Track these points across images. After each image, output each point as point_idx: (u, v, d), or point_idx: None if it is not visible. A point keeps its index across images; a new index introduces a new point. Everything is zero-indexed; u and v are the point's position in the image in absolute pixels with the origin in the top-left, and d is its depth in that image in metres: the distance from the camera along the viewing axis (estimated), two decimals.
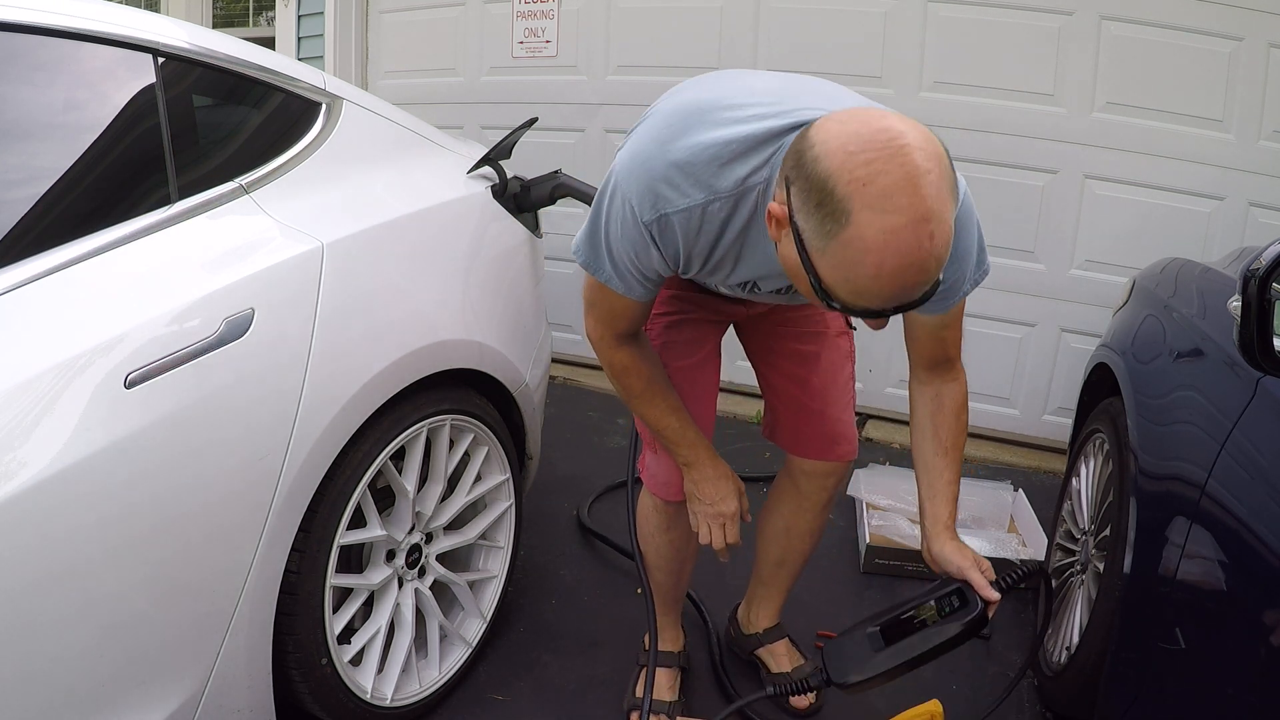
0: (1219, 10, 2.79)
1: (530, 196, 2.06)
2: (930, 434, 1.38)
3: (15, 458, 1.04)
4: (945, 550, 1.31)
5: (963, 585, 1.27)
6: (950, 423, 1.37)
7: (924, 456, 1.38)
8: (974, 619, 1.20)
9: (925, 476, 1.38)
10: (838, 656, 1.30)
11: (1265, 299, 1.08)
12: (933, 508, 1.35)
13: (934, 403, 1.38)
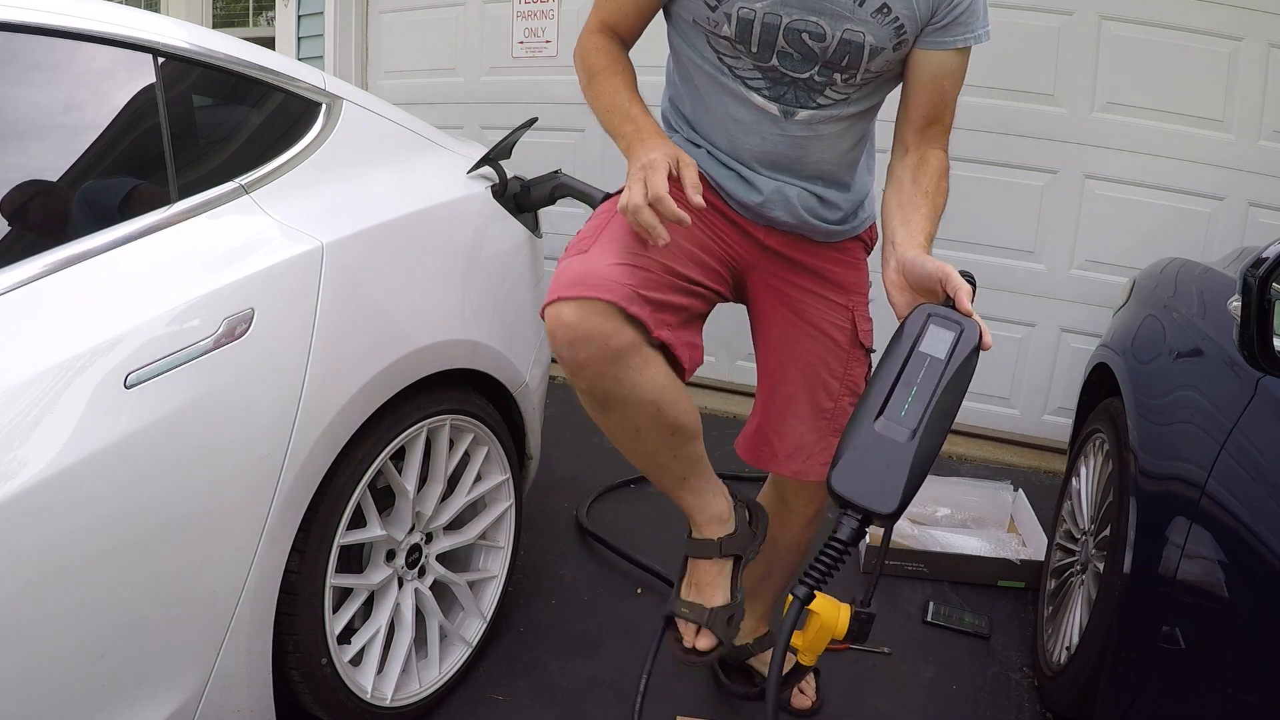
0: (1219, 10, 2.79)
1: (530, 196, 2.06)
2: (910, 184, 1.31)
3: (15, 458, 1.04)
4: (923, 255, 1.16)
5: (936, 309, 1.07)
6: (933, 177, 1.31)
7: (900, 199, 1.30)
8: (974, 336, 1.01)
9: (899, 211, 1.29)
10: (858, 481, 0.93)
11: (1265, 299, 1.08)
12: (905, 226, 1.25)
13: (917, 166, 1.33)
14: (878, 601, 2.29)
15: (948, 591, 2.36)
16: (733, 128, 1.38)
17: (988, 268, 3.21)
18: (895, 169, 1.36)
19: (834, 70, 1.27)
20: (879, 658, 2.09)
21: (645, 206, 1.12)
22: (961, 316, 1.01)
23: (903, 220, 1.26)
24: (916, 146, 1.34)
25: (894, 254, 1.21)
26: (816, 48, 1.24)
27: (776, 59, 1.27)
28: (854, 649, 2.10)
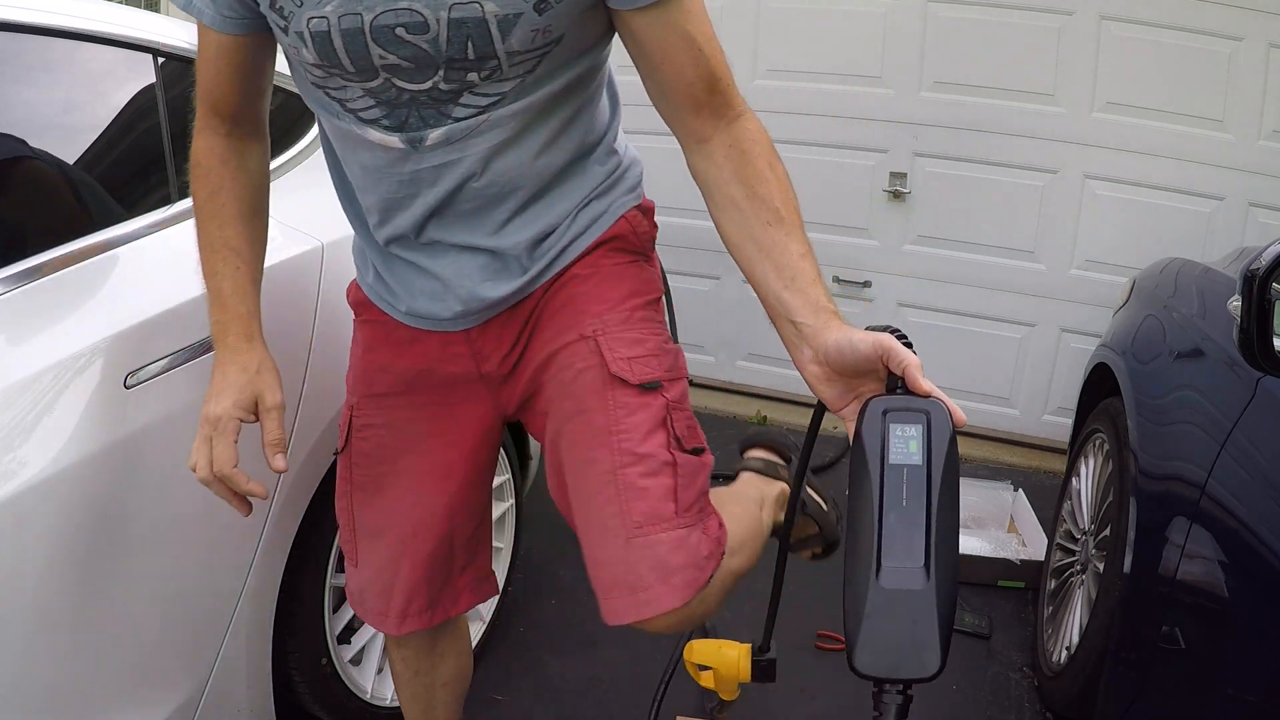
0: (1219, 10, 2.79)
1: None
2: (745, 199, 0.93)
3: (15, 458, 1.04)
4: (847, 335, 0.83)
5: (888, 401, 0.80)
6: (766, 175, 0.93)
7: (749, 232, 0.93)
8: (945, 420, 0.80)
9: (762, 260, 0.91)
10: (886, 652, 0.74)
11: (1265, 299, 1.08)
12: (796, 293, 0.89)
13: (731, 157, 0.95)
14: None
15: None
16: (368, 182, 1.04)
17: (988, 268, 3.21)
18: (706, 175, 0.98)
19: (464, 69, 0.91)
20: None
21: (213, 480, 0.99)
22: (920, 399, 0.79)
23: (780, 274, 0.90)
24: (714, 130, 0.96)
25: (803, 340, 0.87)
26: (424, 44, 0.89)
27: (384, 74, 0.92)
28: None
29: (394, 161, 1.00)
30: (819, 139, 3.29)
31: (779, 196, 0.92)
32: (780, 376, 3.58)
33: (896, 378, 0.80)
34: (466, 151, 0.97)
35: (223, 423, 0.99)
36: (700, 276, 3.57)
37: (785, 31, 3.28)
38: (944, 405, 0.79)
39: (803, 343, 0.87)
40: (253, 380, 1.03)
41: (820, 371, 0.86)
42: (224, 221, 1.06)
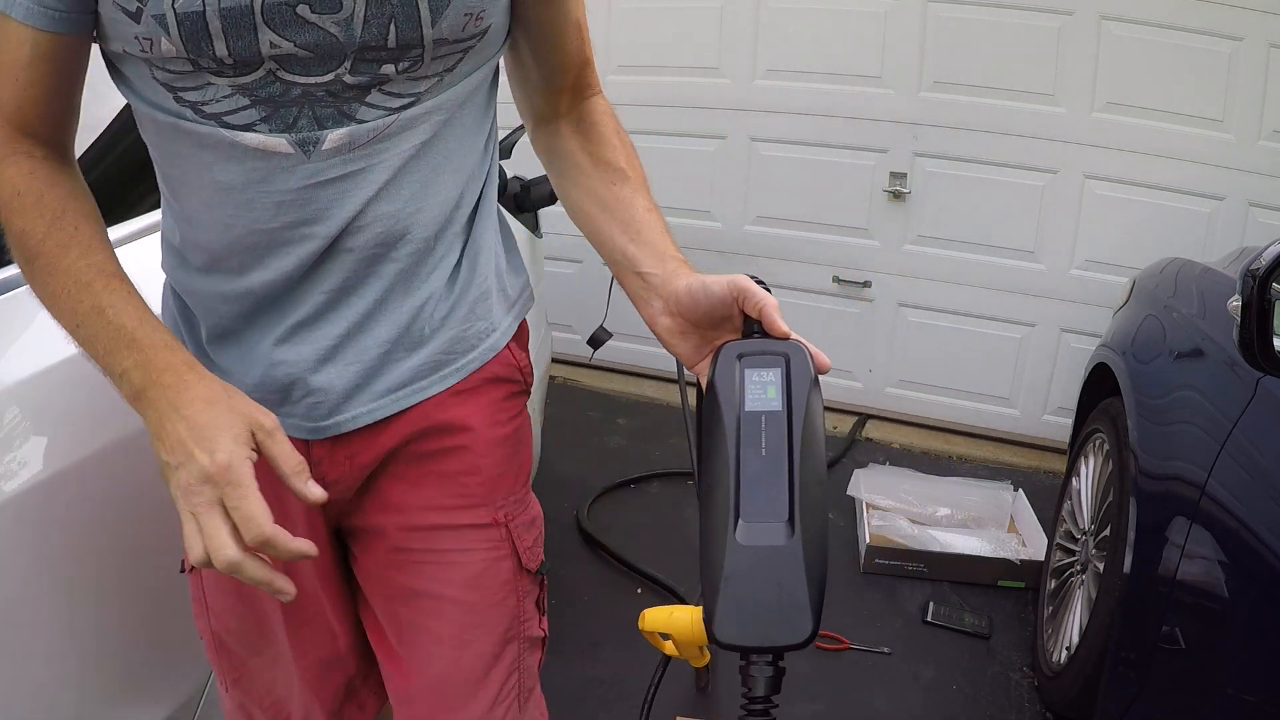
0: (1219, 10, 2.79)
1: (530, 196, 2.06)
2: (590, 164, 0.91)
3: (15, 458, 1.04)
4: (699, 279, 0.79)
5: (743, 345, 0.74)
6: (613, 141, 0.93)
7: (594, 194, 0.90)
8: (805, 362, 0.73)
9: (606, 218, 0.88)
10: (750, 617, 0.65)
11: (1265, 299, 1.08)
12: (642, 245, 0.85)
13: (580, 129, 0.93)
14: (878, 601, 2.30)
15: (948, 591, 2.36)
16: (225, 212, 0.80)
17: (988, 268, 3.21)
18: (552, 146, 0.95)
19: (379, 60, 0.75)
20: (879, 658, 2.09)
21: (247, 560, 0.67)
22: (779, 342, 0.72)
23: (625, 229, 0.86)
24: (570, 107, 0.94)
25: (652, 292, 0.82)
26: (332, 26, 0.71)
27: (270, 66, 0.73)
28: (854, 649, 2.10)
29: (273, 174, 0.77)
30: (819, 139, 3.29)
31: (624, 159, 0.92)
32: None
33: (753, 322, 0.74)
34: (373, 160, 0.79)
35: (234, 470, 0.68)
36: None
37: (785, 31, 3.28)
38: (804, 348, 0.73)
39: (651, 294, 0.83)
40: (233, 406, 0.72)
41: (672, 324, 0.81)
42: (85, 248, 0.77)
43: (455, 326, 0.90)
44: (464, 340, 0.91)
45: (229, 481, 0.68)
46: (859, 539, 2.55)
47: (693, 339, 0.81)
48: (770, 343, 0.73)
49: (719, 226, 3.49)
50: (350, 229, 0.80)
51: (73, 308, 0.76)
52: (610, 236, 0.88)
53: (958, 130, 3.12)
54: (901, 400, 3.43)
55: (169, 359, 0.75)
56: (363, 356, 0.86)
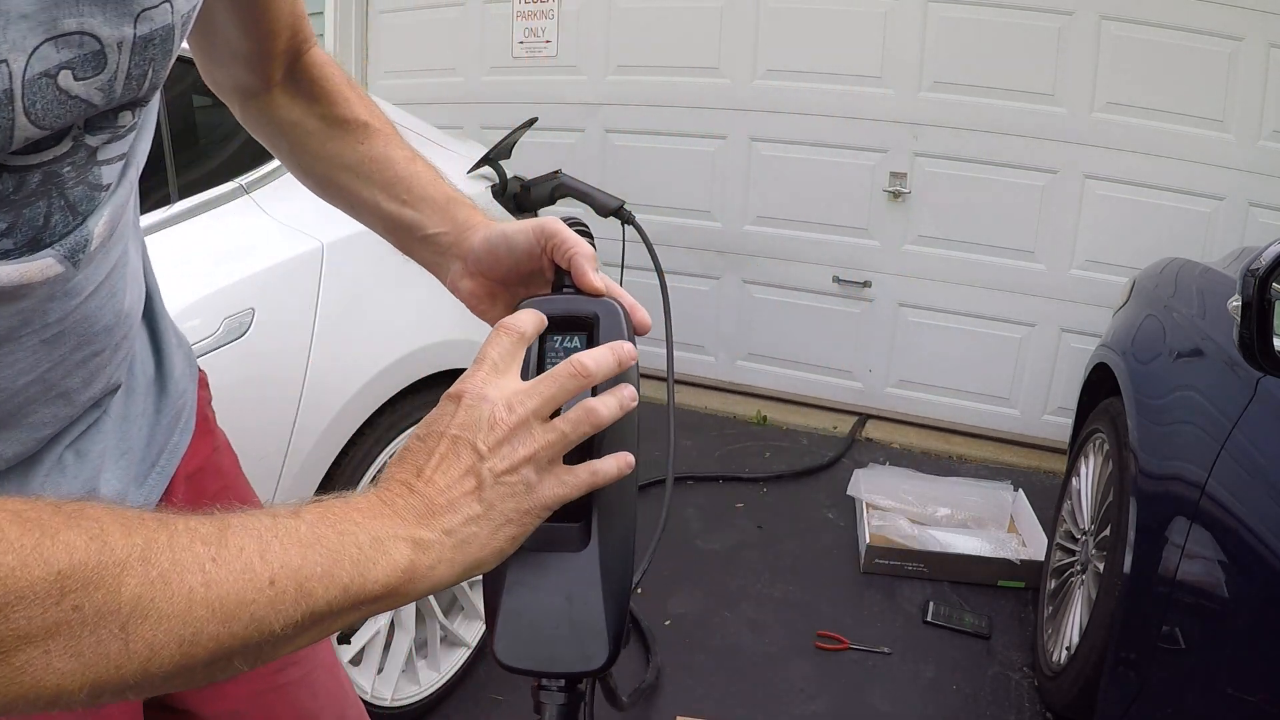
0: (1219, 10, 2.79)
1: (530, 196, 2.06)
2: (326, 127, 0.76)
3: None
4: (499, 229, 0.66)
5: (547, 301, 0.58)
6: (347, 94, 0.77)
7: (341, 160, 0.76)
8: (618, 323, 0.57)
9: (365, 185, 0.74)
10: (537, 638, 0.54)
11: (1265, 299, 1.08)
12: (417, 201, 0.72)
13: (303, 88, 0.77)
14: (878, 601, 2.30)
15: (948, 591, 2.36)
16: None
17: (988, 268, 3.21)
18: (275, 118, 0.78)
19: (123, 108, 0.54)
20: (879, 658, 2.09)
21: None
22: (589, 299, 0.58)
23: (391, 190, 0.73)
24: (285, 69, 0.77)
25: (448, 254, 0.69)
26: (95, 93, 0.49)
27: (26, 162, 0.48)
28: (854, 649, 2.10)
29: (33, 312, 0.54)
30: (819, 139, 3.30)
31: (364, 110, 0.77)
32: (780, 376, 3.58)
33: (565, 274, 0.60)
34: (125, 239, 0.63)
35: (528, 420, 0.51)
36: (700, 276, 3.57)
37: (785, 31, 3.29)
38: (618, 307, 0.57)
39: (446, 257, 0.69)
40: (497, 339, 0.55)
41: (475, 286, 0.67)
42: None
43: None
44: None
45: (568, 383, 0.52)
46: (859, 539, 2.55)
47: (502, 300, 0.67)
48: (578, 300, 0.58)
49: (719, 226, 3.49)
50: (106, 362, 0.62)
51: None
52: (376, 204, 0.73)
53: (958, 130, 3.12)
54: (901, 400, 3.44)
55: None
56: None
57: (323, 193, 0.79)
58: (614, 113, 3.56)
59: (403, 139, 0.76)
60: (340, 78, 0.78)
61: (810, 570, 2.44)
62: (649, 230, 2.22)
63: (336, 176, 0.76)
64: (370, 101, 0.78)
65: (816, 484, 2.93)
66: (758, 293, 3.53)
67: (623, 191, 2.40)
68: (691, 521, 2.66)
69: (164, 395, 0.74)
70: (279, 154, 0.81)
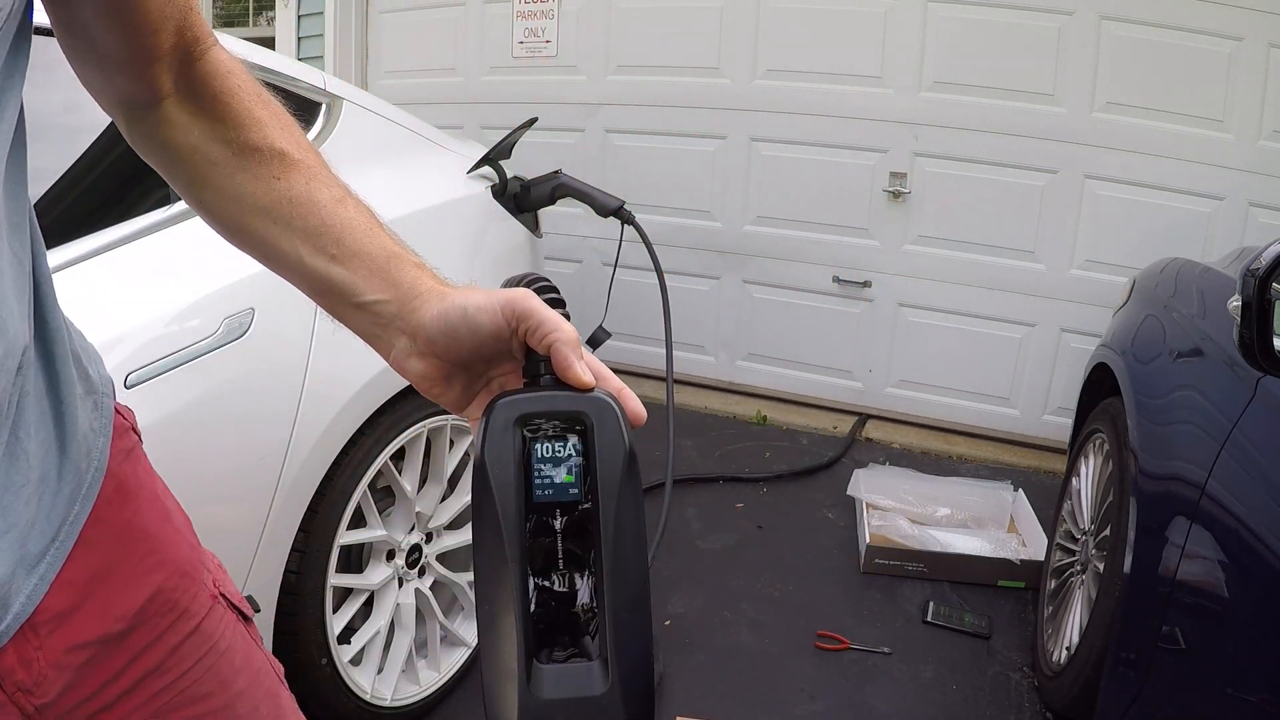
0: (1219, 10, 2.79)
1: (530, 196, 2.06)
2: (234, 157, 0.61)
3: None
4: (456, 301, 0.54)
5: (522, 400, 0.50)
6: (258, 115, 0.63)
7: (255, 201, 0.60)
8: (613, 423, 0.49)
9: (285, 232, 0.59)
10: None
11: (1265, 299, 1.08)
12: (351, 260, 0.58)
13: (204, 106, 0.62)
14: (878, 601, 2.30)
15: (948, 591, 2.36)
16: None
17: (988, 268, 3.21)
18: (168, 142, 0.63)
19: None
20: (879, 658, 2.09)
21: None
22: (576, 395, 0.50)
23: (316, 240, 0.59)
24: (176, 77, 0.62)
25: (391, 328, 0.57)
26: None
27: None
28: (854, 649, 2.10)
29: None
30: (819, 139, 3.30)
31: (281, 134, 0.62)
32: (780, 376, 3.58)
33: (538, 358, 0.51)
34: None
35: None
36: (700, 276, 3.57)
37: (785, 31, 3.28)
38: (611, 404, 0.50)
39: (388, 331, 0.57)
40: None
41: (428, 368, 0.55)
42: None
43: None
44: None
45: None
46: (859, 539, 2.55)
47: (459, 382, 0.56)
48: (563, 398, 0.50)
49: (719, 226, 3.49)
50: None
51: None
52: (298, 259, 0.59)
53: (958, 130, 3.12)
54: (901, 400, 3.44)
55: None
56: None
57: (234, 239, 0.63)
58: (614, 113, 3.56)
59: (331, 173, 0.62)
60: (249, 91, 0.63)
61: (810, 570, 2.44)
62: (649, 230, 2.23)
63: (249, 221, 0.60)
64: (289, 122, 0.63)
65: (816, 484, 2.93)
66: (758, 293, 3.53)
67: (623, 191, 2.40)
68: (692, 521, 2.66)
69: (64, 456, 0.59)
70: (178, 187, 0.64)
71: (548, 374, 0.51)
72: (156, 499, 0.71)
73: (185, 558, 0.70)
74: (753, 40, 3.33)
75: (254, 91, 0.64)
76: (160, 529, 0.69)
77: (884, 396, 3.46)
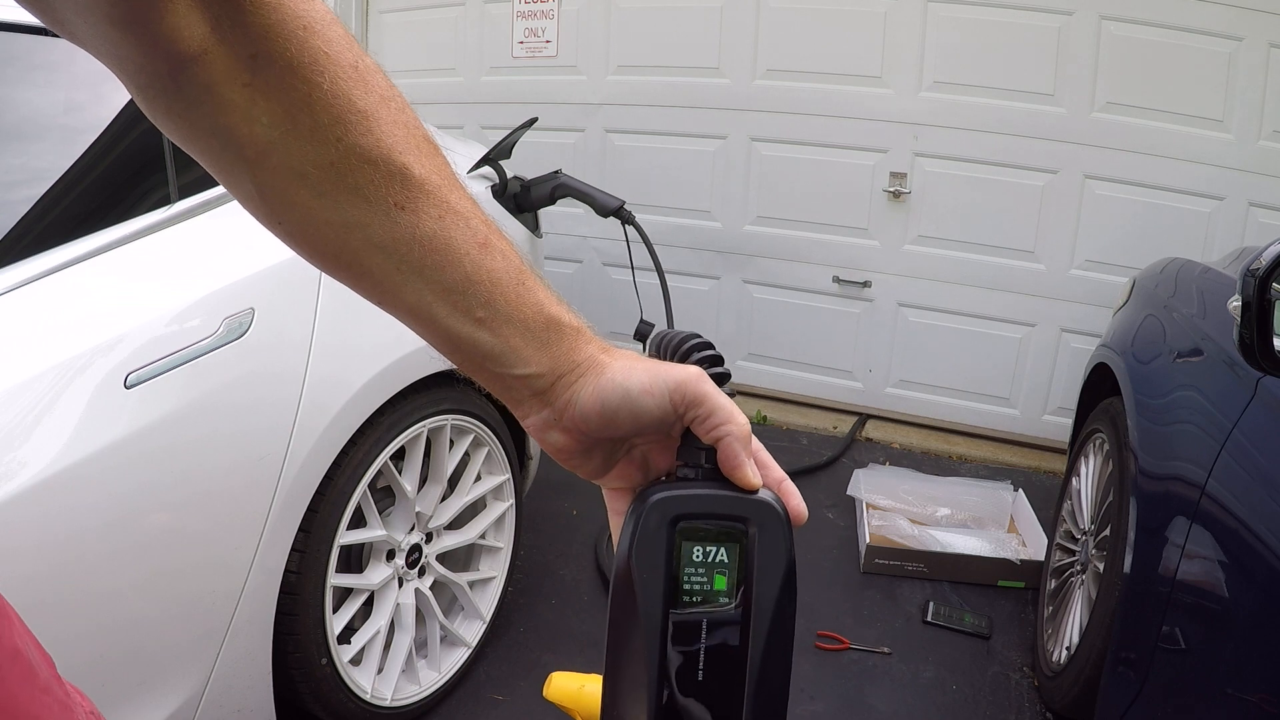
0: (1219, 10, 2.79)
1: (530, 196, 2.06)
2: (327, 165, 0.42)
3: (15, 458, 1.04)
4: (617, 379, 0.46)
5: (677, 496, 0.45)
6: (365, 102, 0.42)
7: (365, 234, 0.44)
8: (778, 531, 0.44)
9: (410, 274, 0.45)
10: None
11: (1265, 299, 1.08)
12: (502, 324, 0.46)
13: (269, 78, 0.40)
14: (878, 601, 2.30)
15: (948, 591, 2.36)
16: None
17: (988, 268, 3.21)
18: (219, 130, 0.41)
19: None
20: (879, 658, 2.09)
21: None
22: (739, 496, 0.44)
23: (454, 297, 0.46)
24: (216, 25, 0.39)
25: (538, 399, 0.48)
26: None
27: None
28: (854, 649, 2.10)
29: None
30: (819, 139, 3.30)
31: (402, 140, 0.44)
32: (780, 376, 3.58)
33: (699, 447, 0.46)
34: None
35: None
36: (700, 276, 3.57)
37: (785, 31, 3.28)
38: (777, 506, 0.45)
39: (534, 402, 0.48)
40: None
41: (571, 442, 0.48)
42: None
43: None
44: None
45: None
46: (859, 539, 2.55)
47: (600, 454, 0.49)
48: (724, 499, 0.44)
49: (719, 226, 3.49)
50: None
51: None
52: (430, 315, 0.47)
53: (958, 130, 3.12)
54: (901, 400, 3.43)
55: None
56: None
57: (337, 274, 0.47)
58: (614, 113, 3.56)
59: (465, 195, 0.46)
60: (346, 58, 0.42)
61: (810, 570, 2.44)
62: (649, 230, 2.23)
63: (361, 257, 0.45)
64: (409, 118, 0.45)
65: (816, 484, 2.93)
66: (758, 293, 3.53)
67: (623, 191, 2.40)
68: None
69: None
70: (242, 198, 0.45)
71: (709, 464, 0.45)
72: (19, 655, 0.49)
73: None
74: (753, 40, 3.33)
75: (350, 59, 0.42)
76: (26, 697, 0.49)
77: (884, 396, 3.46)
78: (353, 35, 0.44)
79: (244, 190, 0.44)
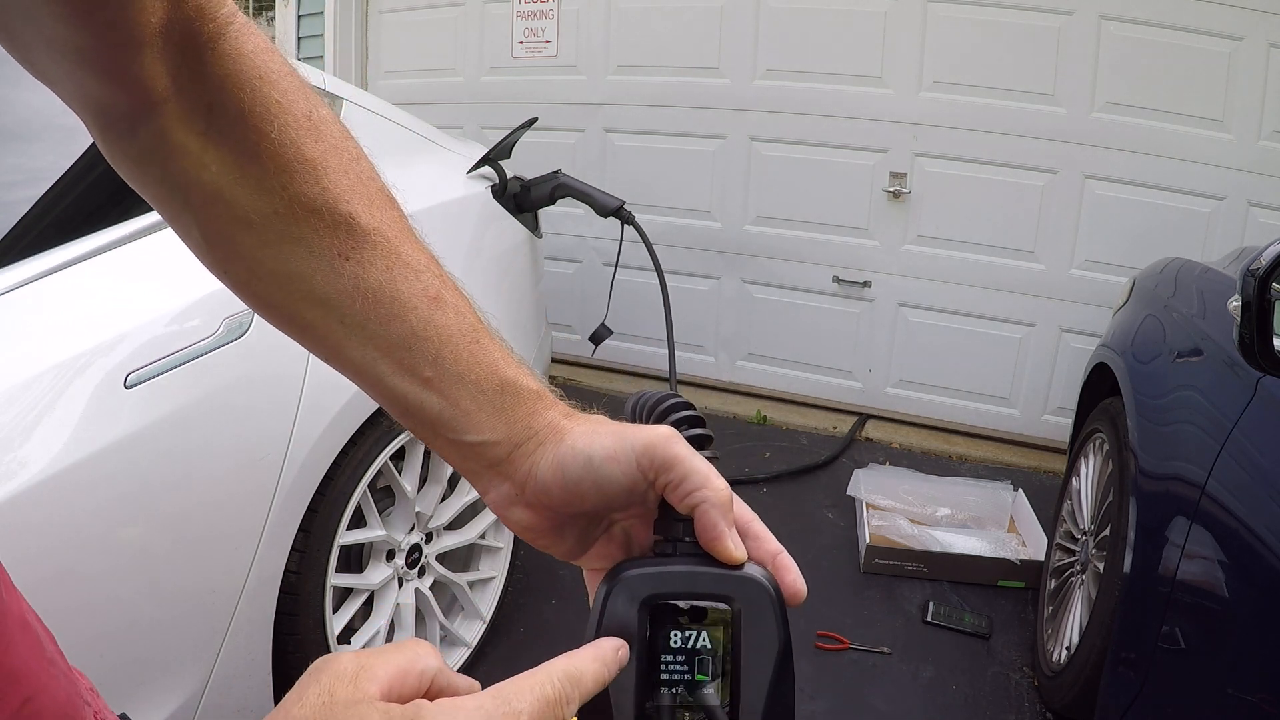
0: (1219, 10, 2.79)
1: (530, 196, 2.06)
2: (272, 216, 0.42)
3: (15, 457, 1.04)
4: (578, 446, 0.42)
5: (654, 573, 0.40)
6: (313, 150, 0.42)
7: (308, 284, 0.44)
8: (766, 610, 0.39)
9: (359, 335, 0.44)
10: None
11: (1265, 299, 1.08)
12: (454, 385, 0.43)
13: (225, 131, 0.40)
14: (878, 601, 2.30)
15: (948, 591, 2.36)
16: None
17: (988, 268, 3.21)
18: (178, 180, 0.42)
19: None
20: (879, 658, 2.09)
21: None
22: (723, 570, 0.40)
23: (401, 357, 0.43)
24: (180, 73, 0.39)
25: (494, 472, 0.45)
26: None
27: None
28: (854, 649, 2.10)
29: None
30: (819, 139, 3.30)
31: (349, 189, 0.43)
32: (780, 376, 3.58)
33: (678, 518, 0.41)
34: None
35: None
36: (700, 276, 3.57)
37: (785, 31, 3.28)
38: (766, 583, 0.40)
39: (491, 474, 0.44)
40: None
41: (536, 519, 0.45)
42: None
43: None
44: None
45: None
46: (859, 539, 2.55)
47: (574, 529, 0.46)
48: (706, 574, 0.39)
49: (719, 226, 3.49)
50: None
51: None
52: (375, 374, 0.44)
53: (958, 130, 3.12)
54: (901, 400, 3.44)
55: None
56: None
57: (283, 328, 0.47)
58: (614, 113, 3.56)
59: (420, 246, 0.45)
60: (297, 108, 0.41)
61: (810, 570, 2.44)
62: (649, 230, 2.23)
63: (300, 311, 0.45)
64: (361, 166, 0.44)
65: (816, 484, 2.93)
66: (758, 293, 3.53)
67: (623, 191, 2.41)
68: None
69: None
70: (190, 244, 0.45)
71: (688, 537, 0.40)
72: (27, 626, 0.48)
73: (65, 698, 0.50)
74: (753, 40, 3.33)
75: (303, 109, 0.41)
76: (35, 665, 0.47)
77: (884, 396, 3.46)
78: (309, 85, 0.43)
79: (192, 238, 0.44)
